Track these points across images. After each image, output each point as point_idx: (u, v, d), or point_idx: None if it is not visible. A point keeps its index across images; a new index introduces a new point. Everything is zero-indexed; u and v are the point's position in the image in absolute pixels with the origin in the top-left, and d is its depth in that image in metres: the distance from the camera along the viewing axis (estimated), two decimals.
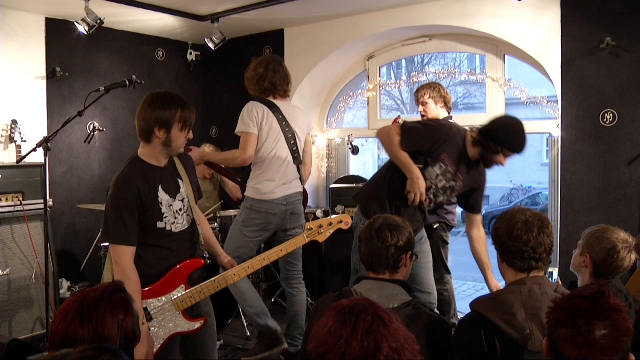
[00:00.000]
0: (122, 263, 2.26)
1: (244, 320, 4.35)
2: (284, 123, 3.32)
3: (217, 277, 2.50)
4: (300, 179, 3.46)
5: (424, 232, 3.21)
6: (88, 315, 1.39)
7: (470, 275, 7.58)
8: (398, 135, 2.97)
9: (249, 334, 4.28)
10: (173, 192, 2.43)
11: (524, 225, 1.90)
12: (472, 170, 3.04)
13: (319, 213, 2.65)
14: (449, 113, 3.77)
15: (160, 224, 2.39)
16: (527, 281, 1.87)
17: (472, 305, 1.89)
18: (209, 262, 2.58)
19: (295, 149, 3.37)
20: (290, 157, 3.36)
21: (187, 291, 2.43)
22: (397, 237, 2.05)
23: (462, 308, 4.80)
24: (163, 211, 2.38)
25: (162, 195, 2.39)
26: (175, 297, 2.41)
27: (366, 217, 3.15)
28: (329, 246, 4.82)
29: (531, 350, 1.71)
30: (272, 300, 4.79)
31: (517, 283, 1.88)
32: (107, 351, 1.15)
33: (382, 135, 3.05)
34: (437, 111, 3.73)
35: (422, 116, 3.80)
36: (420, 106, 3.80)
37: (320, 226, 2.63)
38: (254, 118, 3.23)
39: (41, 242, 3.96)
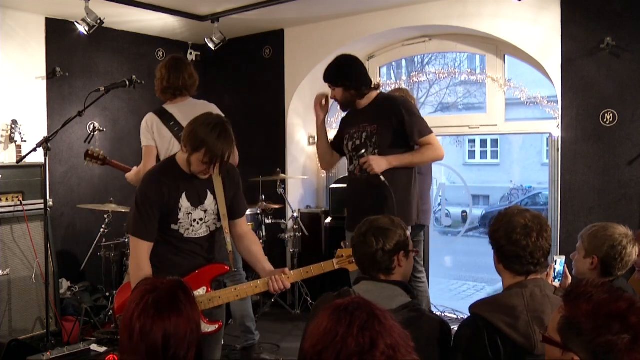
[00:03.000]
0: (135, 254, 2.39)
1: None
2: (175, 129, 3.20)
3: (240, 285, 2.49)
4: None
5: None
6: (181, 304, 1.48)
7: (470, 275, 7.58)
8: None
9: None
10: (196, 201, 2.45)
11: (523, 230, 1.84)
12: (371, 113, 3.10)
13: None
14: None
15: (173, 226, 2.44)
16: (528, 284, 1.83)
17: (473, 308, 1.84)
18: (234, 270, 2.63)
19: None
20: None
21: (208, 293, 2.42)
22: (383, 241, 1.99)
23: (462, 308, 4.81)
24: (179, 216, 2.43)
25: (184, 202, 2.43)
26: (197, 297, 2.39)
27: None
28: (329, 246, 4.81)
29: (535, 354, 1.68)
30: (272, 301, 4.79)
31: (518, 286, 1.84)
32: None
33: None
34: None
35: None
36: None
37: (351, 256, 2.48)
38: (145, 131, 3.22)
39: (41, 242, 3.96)
